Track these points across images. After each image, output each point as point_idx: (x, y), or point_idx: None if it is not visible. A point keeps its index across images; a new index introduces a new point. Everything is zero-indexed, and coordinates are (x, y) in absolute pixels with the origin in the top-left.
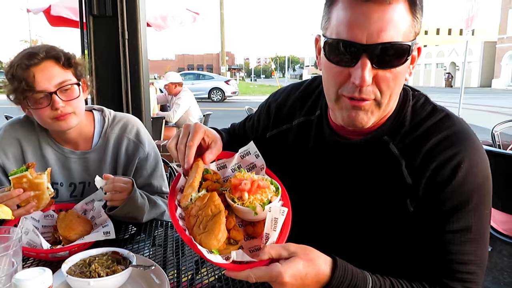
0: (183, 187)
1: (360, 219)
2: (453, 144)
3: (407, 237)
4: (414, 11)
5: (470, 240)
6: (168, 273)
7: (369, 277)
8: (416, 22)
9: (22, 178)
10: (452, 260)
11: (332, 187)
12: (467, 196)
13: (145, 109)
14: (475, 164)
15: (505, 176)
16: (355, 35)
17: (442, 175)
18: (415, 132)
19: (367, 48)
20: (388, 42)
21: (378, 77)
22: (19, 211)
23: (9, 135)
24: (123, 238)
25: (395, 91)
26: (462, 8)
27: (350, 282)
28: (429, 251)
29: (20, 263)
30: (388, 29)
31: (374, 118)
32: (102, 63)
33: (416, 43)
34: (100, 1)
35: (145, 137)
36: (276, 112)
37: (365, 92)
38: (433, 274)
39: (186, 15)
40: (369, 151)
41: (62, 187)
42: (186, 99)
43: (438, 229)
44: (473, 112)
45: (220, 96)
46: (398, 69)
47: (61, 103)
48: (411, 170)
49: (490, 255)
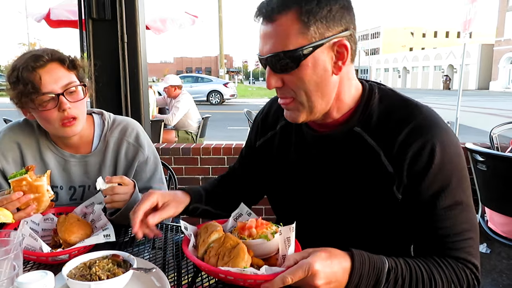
0: (194, 244)
1: (351, 210)
2: (423, 132)
3: (398, 222)
4: (303, 20)
5: (460, 212)
6: (168, 276)
7: (384, 259)
8: (308, 27)
9: (21, 181)
10: (449, 234)
11: (320, 181)
12: (448, 175)
13: (144, 112)
14: (448, 145)
15: (503, 178)
16: (260, 49)
17: (420, 162)
18: (387, 124)
19: (263, 59)
20: (274, 53)
21: (285, 80)
22: (20, 214)
23: (9, 138)
24: (123, 241)
25: (309, 89)
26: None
27: (369, 265)
28: (426, 231)
29: (21, 267)
30: (272, 42)
31: (304, 114)
32: (101, 67)
33: (321, 45)
34: (99, 4)
35: (145, 141)
36: (262, 123)
37: (281, 92)
38: (436, 250)
39: (185, 18)
40: (346, 143)
41: (61, 191)
42: (185, 102)
43: (428, 211)
44: (471, 115)
45: (219, 99)
46: (297, 71)
47: (68, 104)
48: (390, 159)
49: (489, 257)
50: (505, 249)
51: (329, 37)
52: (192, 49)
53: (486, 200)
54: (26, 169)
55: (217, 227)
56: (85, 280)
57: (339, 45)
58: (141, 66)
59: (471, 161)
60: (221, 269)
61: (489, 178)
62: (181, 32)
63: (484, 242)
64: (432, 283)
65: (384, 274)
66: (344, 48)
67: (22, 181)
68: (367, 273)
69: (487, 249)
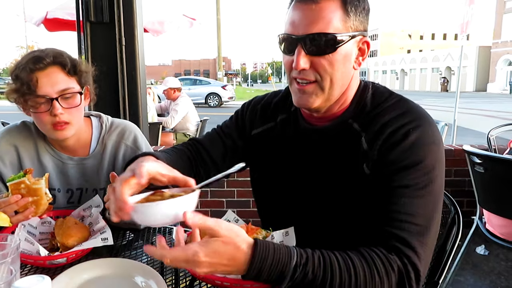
0: None
1: (329, 196)
2: (407, 116)
3: (365, 201)
4: (346, 8)
5: (420, 195)
6: (166, 279)
7: (294, 250)
8: (350, 18)
9: (20, 184)
10: (399, 210)
11: (307, 172)
12: (418, 157)
13: (142, 115)
14: (426, 132)
15: (501, 180)
16: (293, 29)
17: (395, 137)
18: (375, 111)
19: (300, 39)
20: (315, 33)
21: (314, 62)
22: (18, 217)
23: (6, 141)
24: (121, 245)
25: (336, 76)
26: (457, 13)
27: (273, 258)
28: (378, 206)
29: (18, 271)
30: (316, 23)
31: (319, 100)
32: (99, 69)
33: (354, 36)
34: (97, 7)
35: (143, 143)
36: (262, 111)
37: (304, 74)
38: (379, 225)
39: (183, 20)
40: (339, 135)
41: (59, 193)
42: (184, 104)
43: (388, 184)
44: (468, 116)
45: (217, 101)
46: (331, 56)
47: (60, 110)
48: (368, 139)
49: (487, 259)
50: (503, 251)
51: (360, 31)
52: (190, 52)
53: (484, 202)
54: (24, 172)
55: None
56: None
57: (363, 42)
58: (139, 68)
59: (468, 163)
60: (217, 276)
61: (487, 180)
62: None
63: (482, 244)
64: (352, 278)
65: (290, 270)
66: (367, 45)
67: (21, 184)
68: (269, 267)
69: (485, 251)
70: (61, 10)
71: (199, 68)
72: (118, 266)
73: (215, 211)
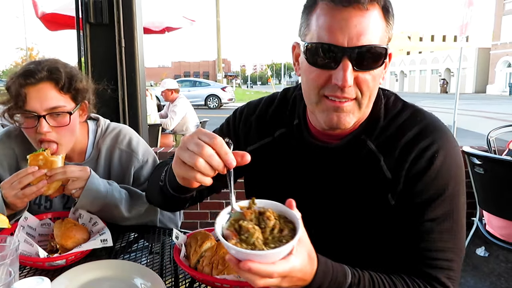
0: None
1: (347, 219)
2: (427, 135)
3: (390, 230)
4: (387, 17)
5: (447, 228)
6: (165, 281)
7: (348, 270)
8: (389, 28)
9: (38, 155)
10: (430, 248)
11: (318, 192)
12: (443, 185)
13: (142, 116)
14: (449, 154)
15: (501, 181)
16: (337, 38)
17: (419, 165)
18: (389, 129)
19: (348, 51)
20: (367, 45)
21: (358, 79)
22: (31, 188)
23: (4, 145)
24: (121, 246)
25: (374, 92)
26: (456, 15)
27: (331, 277)
28: (408, 241)
29: (17, 272)
30: (367, 33)
31: (354, 118)
32: (98, 71)
33: (388, 48)
34: (97, 9)
35: (139, 146)
36: (257, 124)
37: (347, 92)
38: (413, 263)
39: (183, 22)
40: (351, 152)
41: (55, 199)
42: (182, 105)
43: (417, 218)
44: (468, 118)
45: (217, 103)
46: (376, 71)
47: (46, 128)
48: (390, 165)
49: (487, 260)
50: (503, 252)
51: (389, 42)
52: (190, 54)
53: (484, 203)
54: (45, 148)
55: (209, 236)
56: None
57: (389, 53)
58: (138, 70)
59: (468, 164)
60: (217, 277)
61: (486, 181)
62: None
63: (483, 246)
64: None
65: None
66: (389, 57)
67: (39, 156)
68: (328, 283)
69: (485, 252)
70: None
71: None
72: (117, 268)
73: (214, 212)
